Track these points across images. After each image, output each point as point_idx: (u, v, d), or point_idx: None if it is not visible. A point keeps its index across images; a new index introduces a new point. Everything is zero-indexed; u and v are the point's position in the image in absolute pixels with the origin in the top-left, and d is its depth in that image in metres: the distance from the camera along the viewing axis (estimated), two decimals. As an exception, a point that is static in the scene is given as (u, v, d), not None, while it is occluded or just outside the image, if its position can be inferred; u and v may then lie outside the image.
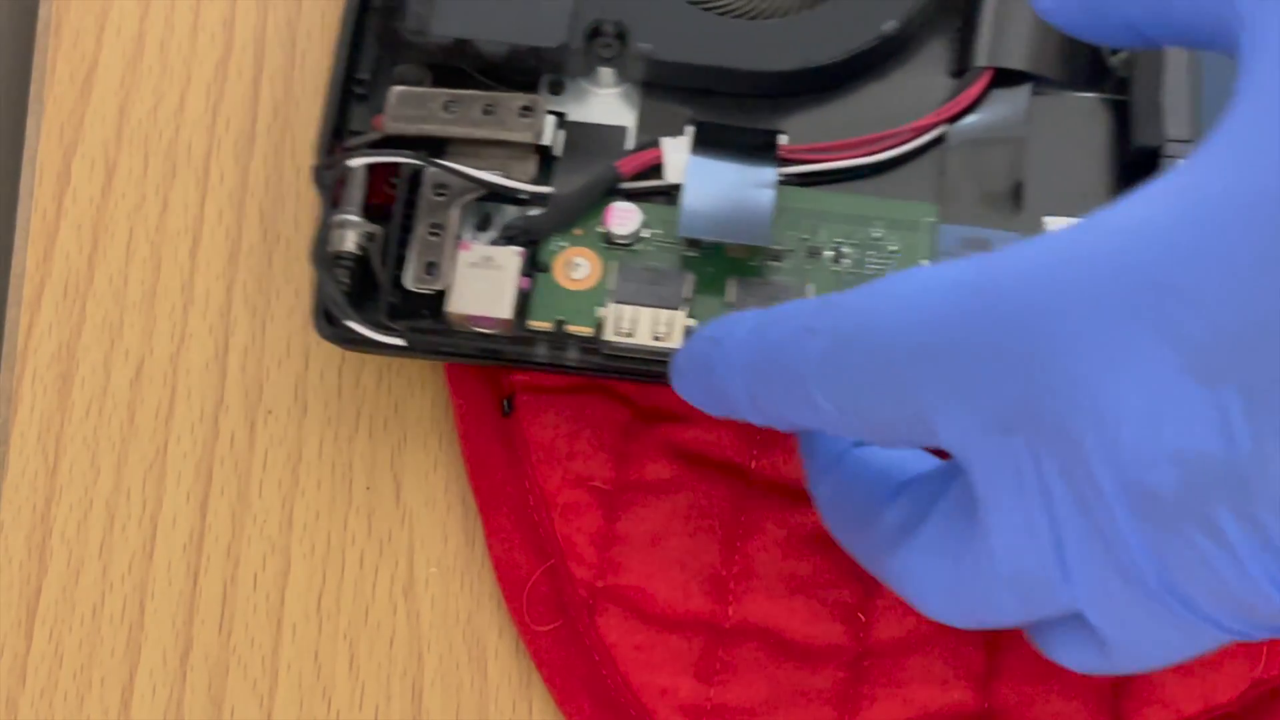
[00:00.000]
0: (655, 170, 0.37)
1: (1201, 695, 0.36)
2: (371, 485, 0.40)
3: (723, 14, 0.38)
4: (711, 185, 0.36)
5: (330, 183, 0.37)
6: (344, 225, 0.37)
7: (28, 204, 0.43)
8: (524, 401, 0.39)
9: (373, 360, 0.41)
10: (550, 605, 0.38)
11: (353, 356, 0.41)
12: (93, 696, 0.39)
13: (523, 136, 0.37)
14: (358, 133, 0.38)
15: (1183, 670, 0.36)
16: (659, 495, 0.38)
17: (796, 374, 0.29)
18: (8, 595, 0.39)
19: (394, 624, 0.39)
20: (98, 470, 0.40)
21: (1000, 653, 0.37)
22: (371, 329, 0.36)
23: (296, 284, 0.42)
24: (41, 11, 0.45)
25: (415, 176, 0.37)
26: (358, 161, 0.37)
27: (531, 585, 0.38)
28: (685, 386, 0.33)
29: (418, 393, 0.41)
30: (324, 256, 0.36)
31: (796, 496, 0.38)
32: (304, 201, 0.43)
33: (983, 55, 0.38)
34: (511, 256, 0.36)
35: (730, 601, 0.38)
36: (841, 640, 0.37)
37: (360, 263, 0.37)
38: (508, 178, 0.37)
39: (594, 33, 0.38)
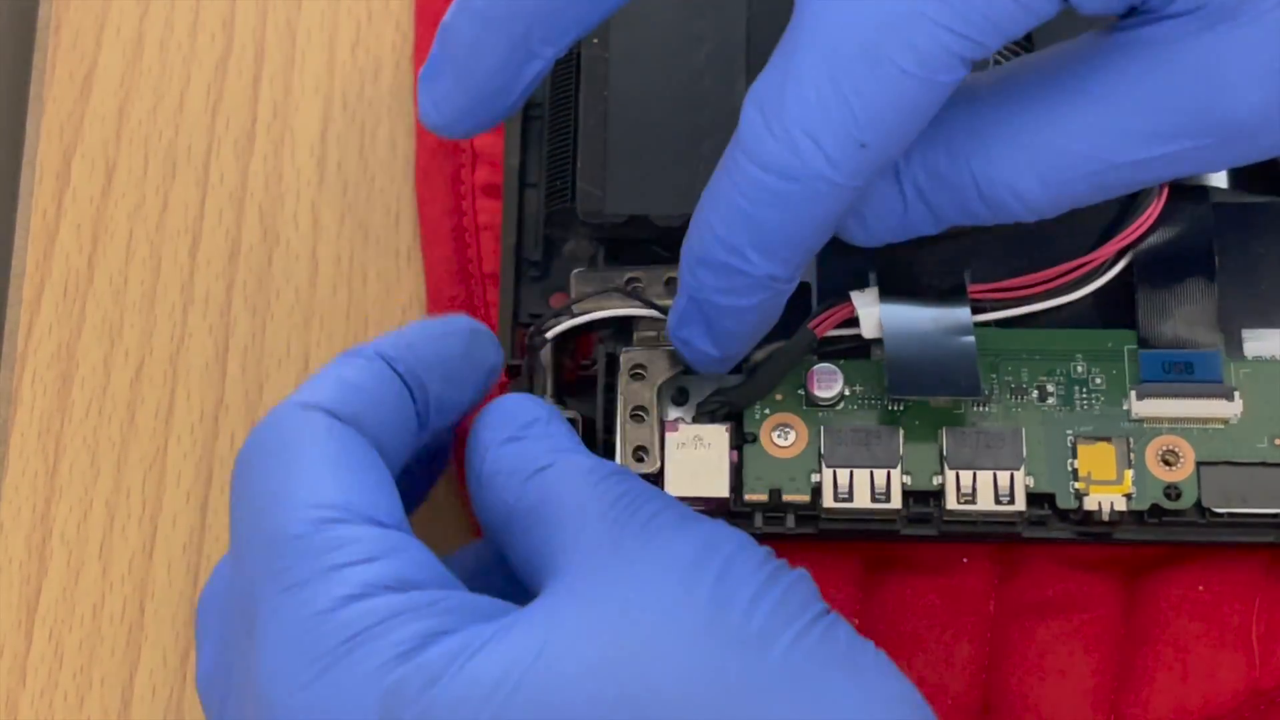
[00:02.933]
0: (846, 323, 0.37)
1: (1201, 694, 0.36)
2: (371, 485, 0.40)
3: None
4: (910, 338, 0.36)
5: (529, 370, 0.37)
6: None
7: (27, 204, 0.43)
8: None
9: (372, 360, 0.41)
10: None
11: (352, 357, 0.41)
12: (93, 696, 0.39)
13: None
14: (537, 315, 0.38)
15: (1180, 672, 0.36)
16: None
17: None
18: (8, 595, 0.39)
19: (394, 624, 0.39)
20: (98, 470, 0.40)
21: (999, 646, 0.37)
22: None
23: (296, 284, 0.42)
24: (41, 11, 0.45)
25: (611, 360, 0.37)
26: (557, 330, 0.37)
27: None
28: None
29: (417, 393, 0.41)
30: None
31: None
32: (303, 201, 0.43)
33: None
34: (720, 434, 0.36)
35: None
36: None
37: None
38: None
39: None
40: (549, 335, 0.37)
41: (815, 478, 0.36)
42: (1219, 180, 0.38)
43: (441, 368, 0.34)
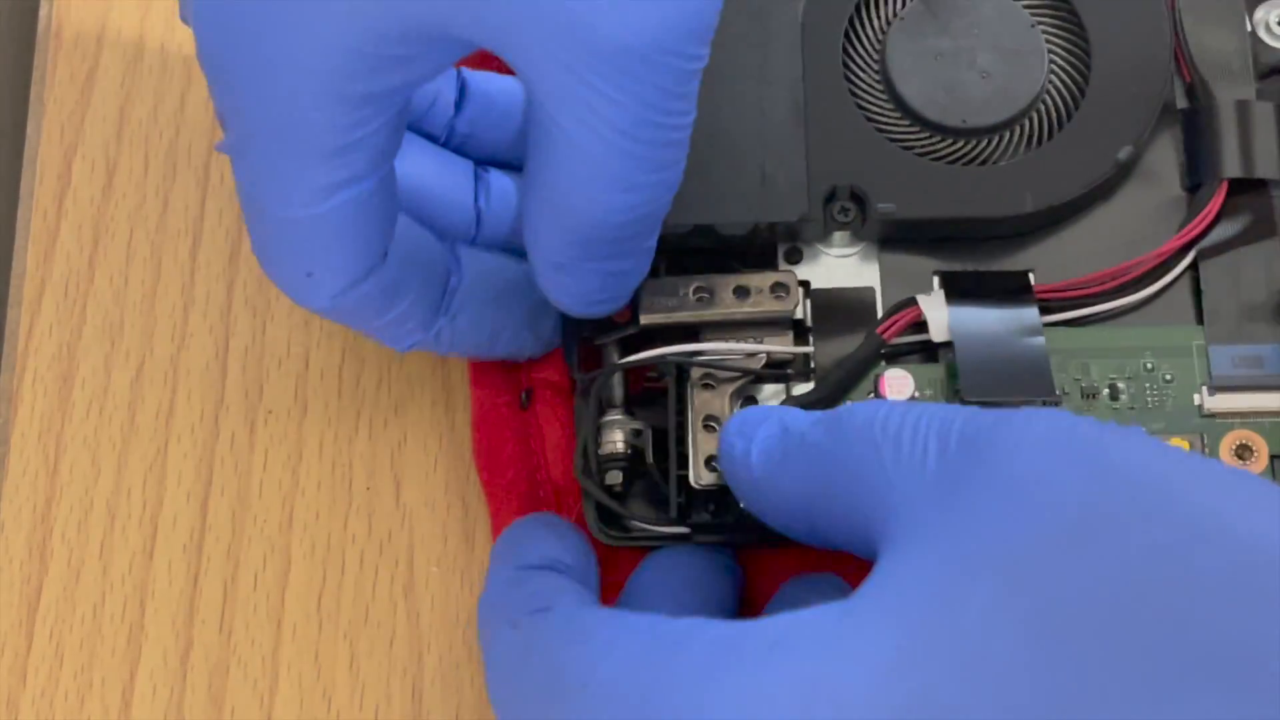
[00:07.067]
0: (913, 327, 0.37)
1: None
2: (371, 485, 0.40)
3: (953, 162, 0.38)
4: (980, 340, 0.36)
5: (597, 391, 0.37)
6: (611, 426, 0.36)
7: (28, 204, 0.43)
8: (542, 396, 0.39)
9: (373, 361, 0.41)
10: None
11: (353, 357, 0.41)
12: (93, 696, 0.39)
13: (779, 314, 0.37)
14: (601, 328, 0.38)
15: None
16: None
17: None
18: (8, 595, 0.39)
19: (394, 624, 0.39)
20: (98, 470, 0.40)
21: None
22: (655, 524, 0.36)
23: (297, 284, 0.42)
24: (42, 13, 0.45)
25: (681, 369, 0.37)
26: (631, 362, 0.36)
27: None
28: None
29: (418, 393, 0.41)
30: (592, 471, 0.36)
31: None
32: (304, 202, 0.43)
33: (1216, 167, 0.38)
34: None
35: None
36: None
37: (631, 460, 0.36)
38: (770, 355, 0.37)
39: (829, 198, 0.37)
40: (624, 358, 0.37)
41: None
42: (1274, 172, 0.38)
43: None
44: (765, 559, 0.37)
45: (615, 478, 0.36)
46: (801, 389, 0.37)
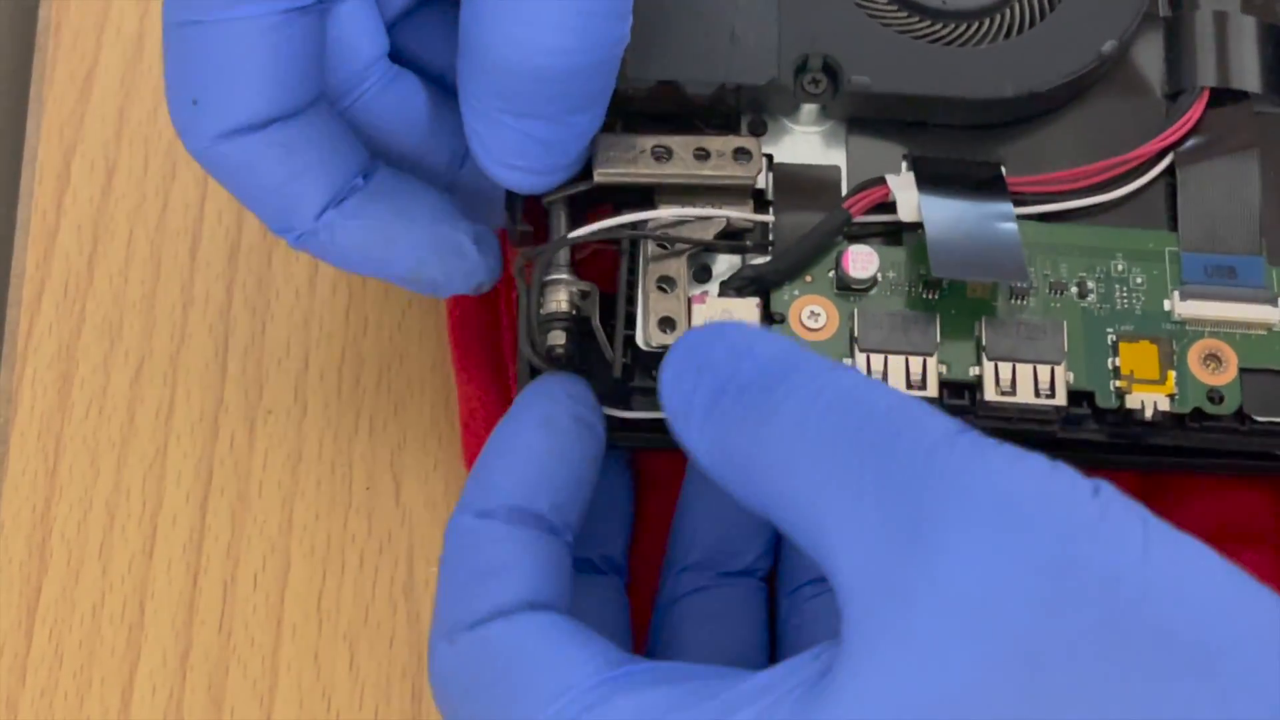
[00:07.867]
0: (877, 209, 0.35)
1: None
2: (371, 486, 0.40)
3: (933, 42, 0.37)
4: (952, 221, 0.35)
5: (541, 265, 0.35)
6: (556, 285, 0.35)
7: (28, 204, 0.43)
8: None
9: (373, 361, 0.41)
10: None
11: (352, 357, 0.41)
12: (93, 696, 0.39)
13: (741, 180, 0.35)
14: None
15: None
16: (660, 489, 0.39)
17: None
18: (8, 595, 0.39)
19: (394, 624, 0.39)
20: (97, 470, 0.40)
21: None
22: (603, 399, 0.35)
23: (296, 284, 0.42)
24: (41, 12, 0.45)
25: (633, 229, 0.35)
26: (577, 237, 0.35)
27: None
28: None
29: (417, 394, 0.41)
30: (538, 342, 0.35)
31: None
32: (304, 202, 0.43)
33: (1197, 74, 0.37)
34: (750, 308, 0.34)
35: None
36: None
37: (575, 322, 0.35)
38: (729, 222, 0.35)
39: (800, 68, 0.36)
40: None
41: (847, 362, 0.34)
42: (1253, 84, 0.37)
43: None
44: None
45: (558, 338, 0.35)
46: (759, 263, 0.35)
